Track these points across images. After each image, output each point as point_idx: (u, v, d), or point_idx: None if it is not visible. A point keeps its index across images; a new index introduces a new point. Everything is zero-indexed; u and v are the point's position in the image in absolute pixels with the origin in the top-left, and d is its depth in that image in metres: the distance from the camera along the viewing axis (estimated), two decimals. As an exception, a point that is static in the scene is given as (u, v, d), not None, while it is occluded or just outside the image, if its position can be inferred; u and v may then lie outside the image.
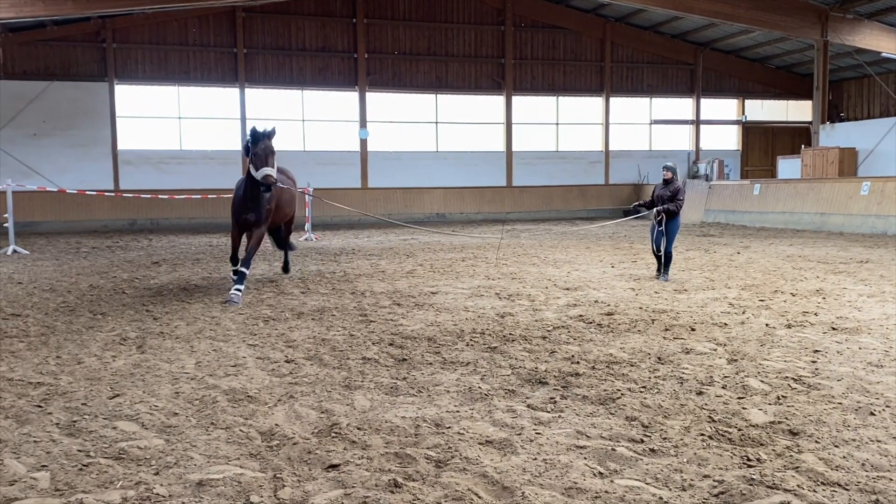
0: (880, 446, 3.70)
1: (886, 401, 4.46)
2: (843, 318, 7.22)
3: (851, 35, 23.50)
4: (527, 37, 29.17)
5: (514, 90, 29.18)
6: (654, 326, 7.00)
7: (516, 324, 7.18)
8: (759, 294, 8.90)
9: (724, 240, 17.14)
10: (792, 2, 22.78)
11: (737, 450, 3.67)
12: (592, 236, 19.09)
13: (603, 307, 8.05)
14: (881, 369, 5.24)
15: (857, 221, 18.75)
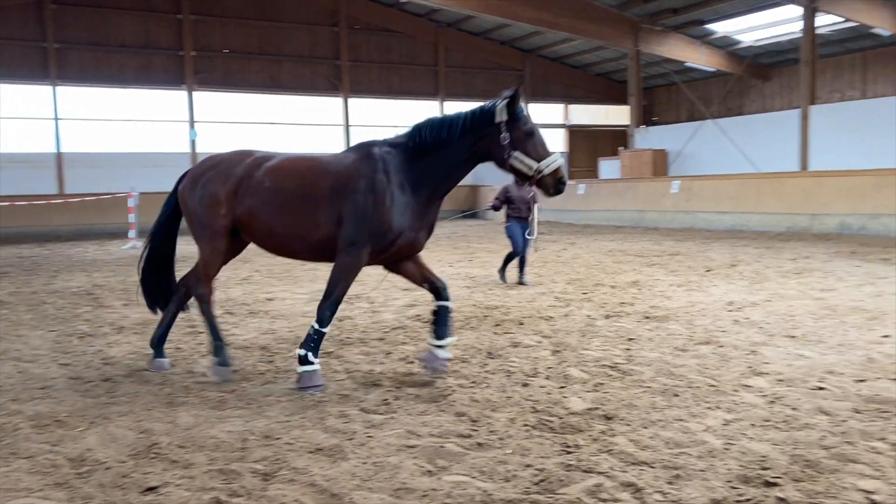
0: (682, 425, 4.03)
1: (689, 382, 4.88)
2: (655, 308, 7.82)
3: (660, 46, 25.58)
4: (362, 39, 29.17)
5: (351, 92, 29.08)
6: (486, 322, 7.23)
7: (354, 327, 7.15)
8: (583, 287, 9.45)
9: (552, 237, 18.03)
10: (608, 13, 24.42)
11: (557, 438, 3.87)
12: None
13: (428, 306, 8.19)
14: (685, 353, 5.73)
15: (669, 217, 20.41)
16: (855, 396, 4.47)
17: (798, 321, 6.88)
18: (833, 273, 10.06)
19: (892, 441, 3.69)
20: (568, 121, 33.93)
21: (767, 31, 25.13)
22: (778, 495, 3.10)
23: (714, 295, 8.60)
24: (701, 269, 11.11)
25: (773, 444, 3.71)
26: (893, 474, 3.31)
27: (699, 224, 19.52)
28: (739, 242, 15.25)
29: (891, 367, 5.15)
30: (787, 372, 5.08)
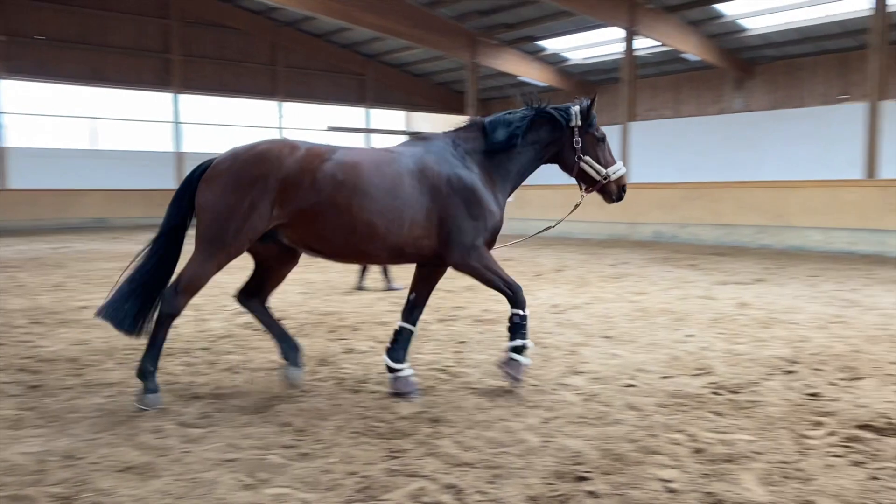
0: (505, 424, 4.17)
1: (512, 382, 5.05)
2: (486, 311, 8.06)
3: (496, 59, 26.52)
4: (195, 33, 27.89)
5: (183, 88, 27.69)
6: (320, 329, 7.11)
7: (177, 336, 6.75)
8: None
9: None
10: (447, 24, 24.97)
11: (384, 443, 3.86)
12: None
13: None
14: (512, 355, 5.94)
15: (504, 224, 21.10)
16: (660, 392, 4.83)
17: (614, 322, 7.36)
18: (647, 278, 10.86)
19: (690, 433, 4.02)
20: (409, 128, 34.32)
21: (593, 51, 26.80)
22: (587, 489, 3.27)
23: (541, 298, 8.99)
24: (531, 273, 11.60)
25: (587, 439, 3.92)
26: (689, 463, 3.60)
27: (531, 231, 20.35)
28: (567, 249, 16.10)
29: (692, 363, 5.63)
30: (602, 370, 5.40)
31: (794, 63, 24.63)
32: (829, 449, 3.79)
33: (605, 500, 3.17)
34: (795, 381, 5.12)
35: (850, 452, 3.73)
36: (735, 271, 11.59)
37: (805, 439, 3.94)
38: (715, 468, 3.52)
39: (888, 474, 3.44)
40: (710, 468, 3.52)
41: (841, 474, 3.45)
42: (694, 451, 3.76)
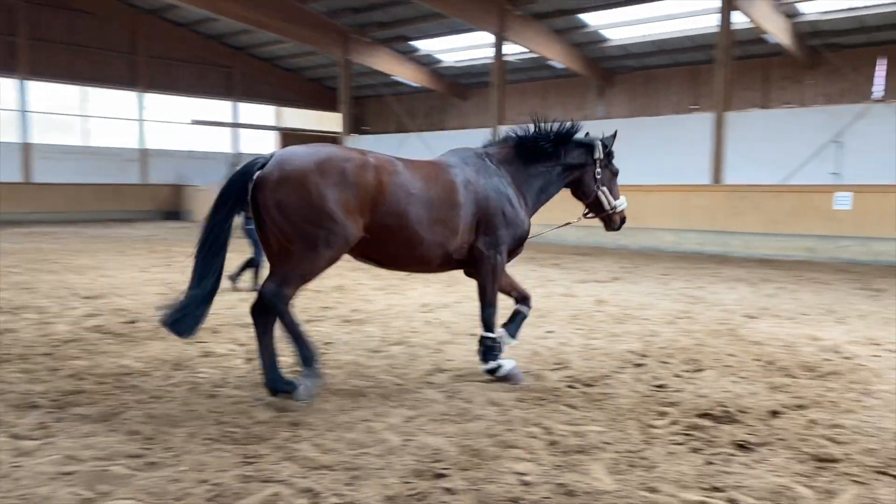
0: (367, 425, 4.13)
1: (377, 382, 5.03)
2: (355, 311, 7.99)
3: (369, 57, 26.41)
4: (45, 16, 25.93)
5: (30, 74, 25.68)
6: (177, 332, 6.77)
7: (15, 341, 6.24)
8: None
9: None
10: (319, 19, 24.59)
11: (239, 449, 3.72)
12: (127, 239, 17.86)
13: (126, 315, 7.52)
14: (378, 354, 5.92)
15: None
16: (520, 387, 4.96)
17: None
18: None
19: (546, 426, 4.15)
20: (280, 123, 33.53)
21: (465, 54, 27.26)
22: (445, 486, 3.30)
23: (411, 298, 9.03)
24: (402, 273, 11.60)
25: (447, 436, 3.96)
26: (544, 455, 3.71)
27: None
28: (438, 248, 16.26)
29: (551, 358, 5.83)
30: (467, 368, 5.48)
31: (651, 74, 26.11)
32: (672, 437, 4.02)
33: (462, 495, 3.21)
34: (644, 373, 5.41)
35: (690, 440, 3.98)
36: (595, 270, 12.14)
37: (651, 429, 4.16)
38: (567, 459, 3.65)
39: (722, 459, 3.70)
40: (563, 460, 3.65)
41: (681, 460, 3.67)
42: (549, 443, 3.88)
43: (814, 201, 13.85)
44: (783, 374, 5.41)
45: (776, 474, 3.50)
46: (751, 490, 3.32)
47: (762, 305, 8.61)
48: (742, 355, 5.98)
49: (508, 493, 3.25)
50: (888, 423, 4.26)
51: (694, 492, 3.30)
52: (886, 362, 5.80)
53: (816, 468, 3.60)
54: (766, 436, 4.04)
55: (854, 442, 3.95)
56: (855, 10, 18.98)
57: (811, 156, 16.82)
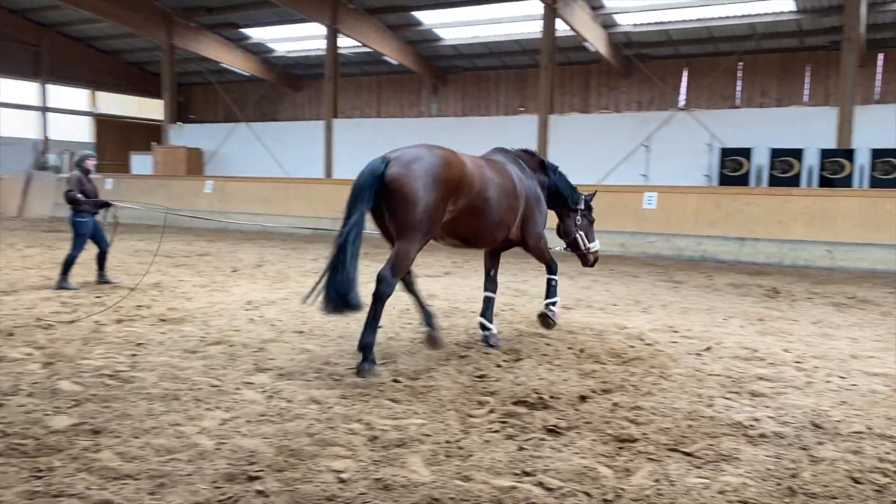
0: (177, 429, 3.91)
1: (192, 384, 4.78)
2: (173, 310, 7.55)
3: (195, 43, 25.12)
4: None
5: None
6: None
7: None
8: (98, 291, 8.68)
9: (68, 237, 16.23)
10: (139, 0, 23.04)
11: (28, 462, 3.39)
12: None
13: None
14: (195, 355, 5.63)
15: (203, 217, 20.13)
16: (344, 384, 4.91)
17: (308, 317, 7.35)
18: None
19: (367, 421, 4.14)
20: (96, 109, 31.08)
21: (297, 44, 26.68)
22: (258, 488, 3.19)
23: (235, 295, 8.69)
24: (227, 269, 11.17)
25: (265, 437, 3.83)
26: (363, 451, 3.70)
27: (232, 225, 19.72)
28: (269, 244, 15.82)
29: (378, 354, 5.80)
30: (290, 366, 5.35)
31: (482, 75, 26.97)
32: (489, 426, 4.15)
33: (275, 497, 3.12)
34: (468, 364, 5.55)
35: (506, 427, 4.13)
36: (428, 265, 12.32)
37: (470, 418, 4.28)
38: (386, 454, 3.66)
39: (533, 444, 3.87)
40: (382, 454, 3.65)
41: (496, 448, 3.80)
42: (369, 439, 3.87)
43: (625, 201, 14.91)
44: (593, 360, 5.76)
45: (581, 456, 3.72)
46: (558, 472, 3.49)
47: (578, 297, 9.15)
48: (558, 344, 6.30)
49: (324, 491, 3.20)
50: (681, 404, 4.65)
51: (506, 478, 3.42)
52: (682, 347, 6.35)
53: (618, 448, 3.86)
54: (575, 420, 4.28)
55: (651, 422, 4.28)
56: (662, 24, 20.67)
57: (623, 158, 18.11)
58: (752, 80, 22.57)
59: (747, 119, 17.33)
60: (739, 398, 4.83)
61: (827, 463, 3.68)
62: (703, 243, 14.00)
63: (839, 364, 5.83)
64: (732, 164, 16.20)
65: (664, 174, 16.98)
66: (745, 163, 16.04)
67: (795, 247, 13.26)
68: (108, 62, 30.74)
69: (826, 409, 4.58)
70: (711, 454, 3.79)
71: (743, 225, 13.75)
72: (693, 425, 4.23)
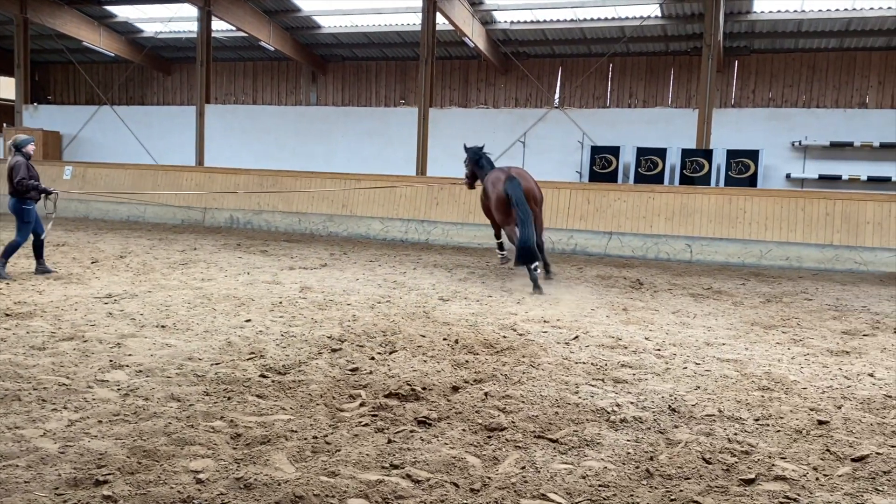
0: (17, 433, 3.59)
1: (38, 383, 4.42)
2: (21, 304, 6.99)
3: (52, 18, 23.31)
4: None
5: None
6: None
7: None
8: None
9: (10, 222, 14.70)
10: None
11: None
12: None
13: None
14: (43, 352, 5.21)
15: (62, 205, 18.74)
16: (208, 380, 4.69)
17: (172, 311, 6.99)
18: (216, 264, 10.64)
19: (230, 418, 3.96)
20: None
21: (168, 26, 25.34)
22: (105, 493, 2.97)
23: (94, 287, 8.15)
24: (87, 260, 10.46)
25: (117, 438, 3.59)
26: (225, 450, 3.53)
27: (94, 213, 18.53)
28: (134, 234, 14.96)
29: (246, 348, 5.61)
30: (149, 362, 5.06)
31: (362, 65, 26.67)
32: (359, 419, 4.08)
33: (124, 502, 2.91)
34: (340, 357, 5.45)
35: (377, 420, 4.08)
36: (304, 257, 12.06)
37: (340, 412, 4.19)
38: (249, 452, 3.51)
39: (403, 436, 3.84)
40: (245, 452, 3.50)
41: (365, 442, 3.73)
42: (232, 437, 3.71)
43: (503, 194, 15.21)
44: (467, 351, 5.81)
45: (451, 447, 3.72)
46: (426, 464, 3.48)
47: (455, 289, 9.22)
48: (433, 335, 6.31)
49: (181, 493, 3.02)
50: (549, 392, 4.77)
51: (374, 472, 3.37)
52: (552, 337, 6.52)
53: (487, 437, 3.90)
54: (446, 410, 4.28)
55: (520, 410, 4.35)
56: (539, 23, 21.20)
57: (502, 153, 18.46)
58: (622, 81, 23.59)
59: (616, 118, 18.09)
60: (603, 385, 5.01)
61: (681, 445, 3.87)
62: (574, 237, 14.51)
63: (695, 351, 6.18)
64: (602, 162, 16.89)
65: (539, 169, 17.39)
66: (613, 160, 16.76)
67: (658, 241, 13.99)
68: (-50, 34, 28.02)
69: (682, 394, 4.83)
70: (576, 440, 3.90)
71: (611, 219, 14.36)
72: (559, 412, 4.34)
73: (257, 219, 17.15)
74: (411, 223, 15.99)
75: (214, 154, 20.83)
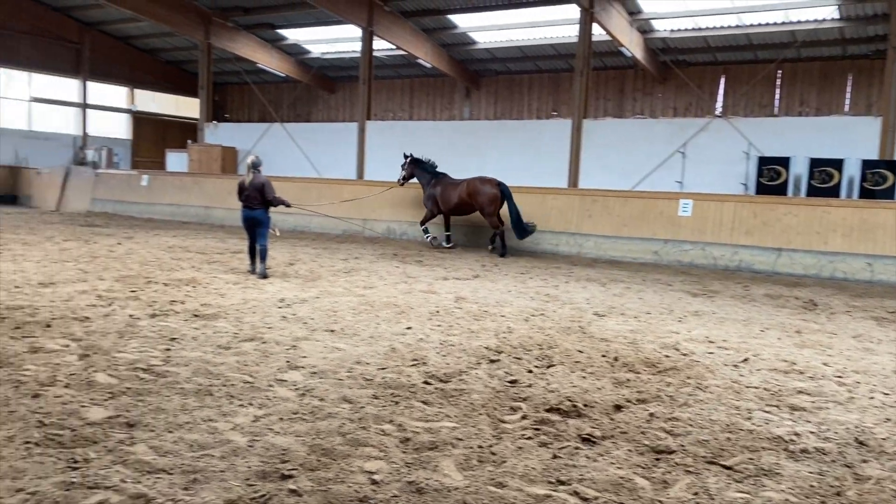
0: (211, 425, 3.91)
1: (225, 380, 4.79)
2: (206, 305, 7.60)
3: (232, 43, 25.40)
4: None
5: None
6: (2, 325, 6.16)
7: None
8: (132, 285, 8.76)
9: (108, 230, 16.51)
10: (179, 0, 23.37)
11: (64, 453, 3.41)
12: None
13: (-59, 307, 6.76)
14: (228, 351, 5.65)
15: (237, 215, 20.32)
16: (376, 384, 4.89)
17: (339, 316, 7.36)
18: (376, 272, 11.09)
19: (399, 422, 4.10)
20: (133, 106, 31.58)
21: (333, 46, 26.84)
22: (291, 487, 3.17)
23: (268, 292, 8.73)
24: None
25: (297, 436, 3.82)
26: (396, 453, 3.66)
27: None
28: (301, 242, 15.89)
29: (409, 355, 5.80)
30: (322, 364, 5.34)
31: (515, 79, 26.88)
32: (522, 432, 4.10)
33: (308, 497, 3.10)
34: (499, 369, 5.50)
35: (539, 434, 4.07)
36: (456, 268, 12.29)
37: (502, 423, 4.22)
38: (419, 457, 3.62)
39: (568, 452, 3.80)
40: (415, 457, 3.61)
41: (530, 455, 3.74)
42: (401, 440, 3.84)
43: (659, 207, 14.73)
44: (627, 369, 5.67)
45: (617, 466, 3.64)
46: (594, 482, 3.42)
47: (610, 304, 9.03)
48: (591, 351, 6.22)
49: (357, 492, 3.17)
50: (719, 416, 4.55)
51: (540, 486, 3.36)
52: (718, 358, 6.22)
53: (654, 459, 3.78)
54: (610, 429, 4.20)
55: (688, 434, 4.19)
56: (700, 30, 20.41)
57: (658, 165, 17.91)
58: (791, 88, 22.19)
59: (786, 127, 17.02)
60: (779, 412, 4.71)
61: (872, 482, 3.56)
62: (739, 253, 13.77)
63: (882, 380, 5.67)
64: (770, 173, 15.92)
65: (700, 181, 16.76)
66: (783, 172, 15.75)
67: (834, 259, 12.98)
68: (146, 60, 31.23)
69: (870, 426, 4.45)
70: (752, 468, 3.70)
71: (780, 235, 13.49)
72: (731, 438, 4.13)
73: (412, 230, 17.66)
74: (562, 235, 15.84)
75: (373, 168, 21.72)
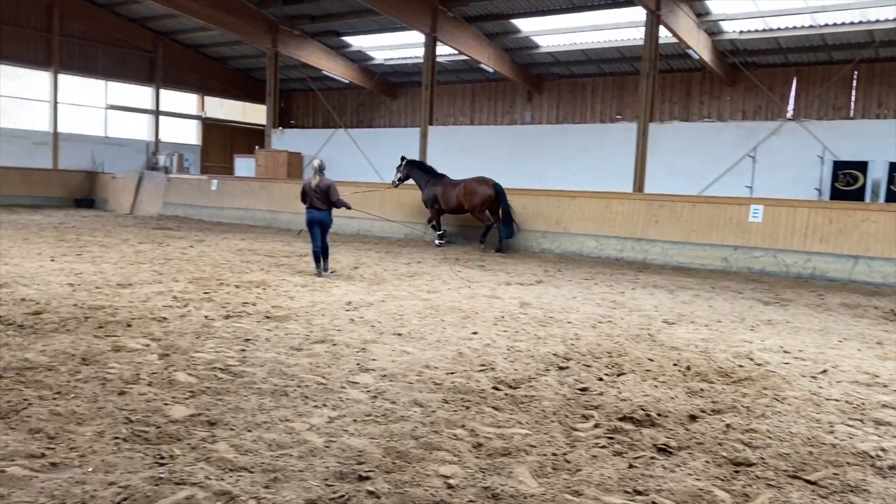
0: (287, 425, 4.00)
1: (300, 381, 4.89)
2: (277, 307, 7.78)
3: (298, 50, 25.92)
4: (-51, -15, 24.35)
5: (-70, 47, 24.07)
6: (86, 325, 6.43)
7: None
8: (206, 287, 9.02)
9: (180, 233, 17.05)
10: (247, 9, 23.98)
11: (151, 449, 3.54)
12: (34, 226, 16.93)
13: (31, 306, 7.10)
14: (300, 352, 5.77)
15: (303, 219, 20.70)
16: (445, 388, 4.91)
17: (405, 320, 7.42)
18: (439, 277, 11.14)
19: (471, 427, 4.11)
20: (203, 113, 32.54)
21: (396, 53, 27.11)
22: (369, 489, 3.21)
23: (335, 295, 8.87)
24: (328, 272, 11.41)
25: (371, 437, 3.87)
26: (469, 458, 3.67)
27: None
28: (364, 246, 16.10)
29: (476, 360, 5.80)
30: (391, 367, 5.40)
31: (578, 82, 26.62)
32: (595, 440, 4.05)
33: (385, 499, 3.14)
34: (568, 376, 5.45)
35: (613, 443, 4.02)
36: (519, 273, 12.24)
37: (574, 431, 4.19)
38: (492, 462, 3.62)
39: (643, 462, 3.75)
40: (488, 462, 3.62)
41: (604, 464, 3.70)
42: (474, 445, 3.85)
43: (728, 213, 14.37)
44: (700, 379, 5.55)
45: (695, 478, 3.57)
46: (672, 493, 3.36)
47: (679, 312, 8.86)
48: (661, 360, 6.11)
49: (434, 496, 3.19)
50: (799, 429, 4.41)
51: (617, 495, 3.32)
52: (795, 369, 6.03)
53: (733, 472, 3.69)
54: (686, 440, 4.12)
55: (768, 446, 4.07)
56: (771, 31, 19.85)
57: (727, 169, 17.48)
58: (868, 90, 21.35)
59: (864, 130, 16.39)
60: (863, 426, 4.54)
61: (969, 502, 3.40)
62: (813, 260, 13.31)
63: (974, 395, 5.40)
64: (846, 178, 15.36)
65: (771, 185, 16.29)
66: (860, 176, 15.17)
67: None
68: (215, 68, 32.13)
69: (963, 444, 4.24)
70: (837, 484, 3.57)
71: (857, 242, 12.99)
72: (814, 452, 4.00)
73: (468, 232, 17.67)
74: (627, 241, 15.61)
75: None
